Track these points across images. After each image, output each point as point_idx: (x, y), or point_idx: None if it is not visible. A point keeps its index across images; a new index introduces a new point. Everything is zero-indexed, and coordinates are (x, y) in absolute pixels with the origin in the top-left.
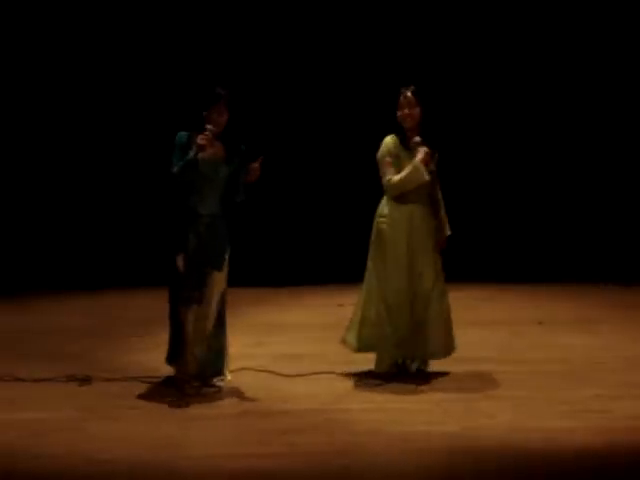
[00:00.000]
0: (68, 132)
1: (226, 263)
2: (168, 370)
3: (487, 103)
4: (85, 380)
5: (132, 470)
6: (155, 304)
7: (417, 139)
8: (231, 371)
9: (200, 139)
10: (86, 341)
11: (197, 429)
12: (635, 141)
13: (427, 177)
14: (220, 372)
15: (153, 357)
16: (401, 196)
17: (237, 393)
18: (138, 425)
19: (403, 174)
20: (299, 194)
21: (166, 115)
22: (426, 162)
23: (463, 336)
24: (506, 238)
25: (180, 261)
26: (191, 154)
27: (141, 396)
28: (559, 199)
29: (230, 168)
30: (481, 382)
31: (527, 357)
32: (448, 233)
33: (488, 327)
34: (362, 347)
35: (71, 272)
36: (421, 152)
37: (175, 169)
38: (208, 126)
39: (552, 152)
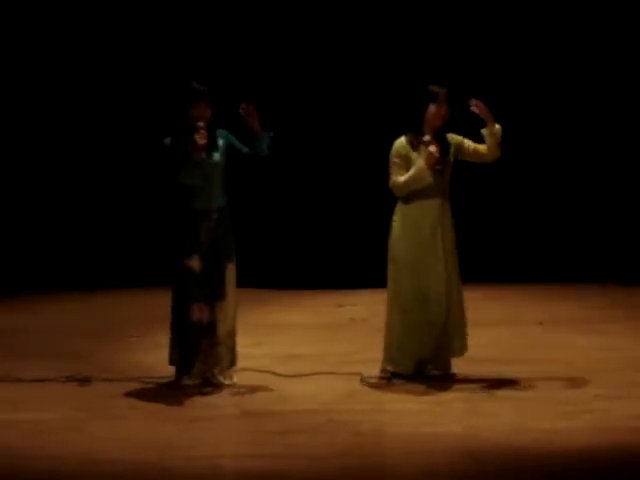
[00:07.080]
0: (66, 134)
1: (234, 254)
2: (168, 370)
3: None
4: (85, 380)
5: (132, 470)
6: (155, 304)
7: (427, 137)
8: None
9: (199, 138)
10: (86, 341)
11: (197, 429)
12: (635, 141)
13: (429, 179)
14: (231, 366)
15: (153, 357)
16: (411, 195)
17: (237, 393)
18: (138, 425)
19: (407, 175)
20: (301, 196)
21: (161, 115)
22: (430, 163)
23: None
24: (507, 238)
25: (195, 262)
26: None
27: (141, 396)
28: (560, 199)
29: (220, 151)
30: (482, 382)
31: (528, 357)
32: None
33: (489, 327)
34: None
35: (71, 272)
36: (425, 152)
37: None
38: (200, 123)
39: (552, 152)
